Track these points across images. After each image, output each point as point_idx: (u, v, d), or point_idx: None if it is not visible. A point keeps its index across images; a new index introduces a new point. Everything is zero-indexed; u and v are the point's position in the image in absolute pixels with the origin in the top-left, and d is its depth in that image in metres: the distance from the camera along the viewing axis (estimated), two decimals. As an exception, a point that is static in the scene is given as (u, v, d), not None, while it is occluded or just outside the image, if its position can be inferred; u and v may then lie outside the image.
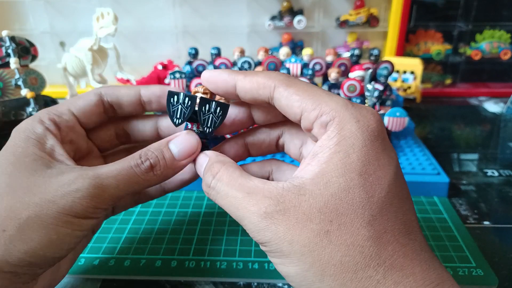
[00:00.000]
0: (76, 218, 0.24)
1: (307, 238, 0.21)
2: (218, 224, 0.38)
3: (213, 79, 0.26)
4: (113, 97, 0.29)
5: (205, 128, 0.26)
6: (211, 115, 0.26)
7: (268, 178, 0.29)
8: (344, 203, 0.21)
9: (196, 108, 0.26)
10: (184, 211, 0.40)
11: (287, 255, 0.21)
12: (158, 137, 0.31)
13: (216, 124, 0.26)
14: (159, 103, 0.30)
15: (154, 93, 0.29)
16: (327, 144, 0.22)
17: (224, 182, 0.24)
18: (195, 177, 0.31)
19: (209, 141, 0.27)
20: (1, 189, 0.23)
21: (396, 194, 0.22)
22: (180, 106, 0.26)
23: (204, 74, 0.27)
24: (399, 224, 0.21)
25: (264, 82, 0.25)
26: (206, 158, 0.26)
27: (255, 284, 0.32)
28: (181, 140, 0.26)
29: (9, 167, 0.24)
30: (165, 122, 0.31)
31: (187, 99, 0.25)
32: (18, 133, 0.26)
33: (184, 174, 0.31)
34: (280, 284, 0.32)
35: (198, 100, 0.26)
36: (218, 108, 0.26)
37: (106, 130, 0.31)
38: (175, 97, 0.25)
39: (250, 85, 0.25)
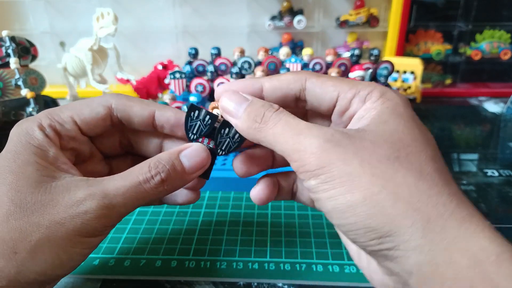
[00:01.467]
0: (86, 237, 0.24)
1: (377, 161, 0.20)
2: (218, 224, 0.38)
3: (238, 86, 0.26)
4: (124, 114, 0.27)
5: (218, 150, 0.26)
6: (228, 139, 0.26)
7: (293, 189, 0.29)
8: (407, 137, 0.22)
9: (216, 126, 0.26)
10: (184, 211, 0.40)
11: (354, 178, 0.20)
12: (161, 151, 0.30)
13: (231, 149, 0.26)
14: (171, 130, 0.28)
15: (168, 120, 0.28)
16: (372, 105, 0.23)
17: (282, 115, 0.23)
18: (197, 197, 0.30)
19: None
20: (5, 204, 0.22)
21: (436, 146, 0.23)
22: (199, 122, 0.26)
23: (226, 86, 0.26)
24: (447, 170, 0.22)
25: (294, 77, 0.25)
26: (244, 99, 0.24)
27: (255, 284, 0.32)
28: (193, 153, 0.26)
29: (10, 176, 0.23)
30: (171, 144, 0.30)
31: (207, 117, 0.25)
32: (18, 137, 0.25)
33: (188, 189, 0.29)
34: (280, 284, 0.32)
35: (220, 118, 0.25)
36: (237, 135, 0.26)
37: (110, 138, 0.30)
38: (196, 112, 0.25)
39: (279, 82, 0.25)
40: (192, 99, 0.48)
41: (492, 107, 0.72)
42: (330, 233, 0.37)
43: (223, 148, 0.26)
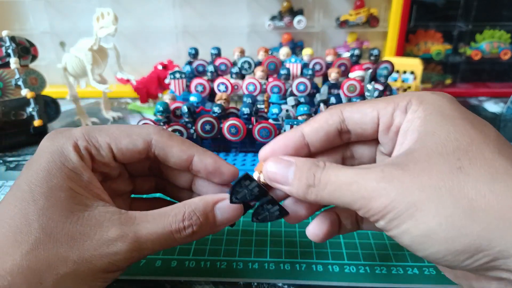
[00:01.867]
0: (109, 273, 0.24)
1: (439, 179, 0.19)
2: (218, 224, 0.38)
3: (281, 144, 0.26)
4: (162, 153, 0.27)
5: (254, 218, 0.27)
6: (267, 212, 0.26)
7: (357, 219, 0.28)
8: (463, 142, 0.20)
9: (258, 199, 0.26)
10: (184, 211, 0.40)
11: (420, 207, 0.19)
12: (190, 187, 0.30)
13: (265, 221, 0.27)
14: (207, 176, 0.28)
15: (206, 167, 0.27)
16: (415, 115, 0.22)
17: (331, 171, 0.22)
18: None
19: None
20: (35, 231, 0.22)
21: (499, 135, 0.22)
22: (245, 190, 0.25)
23: (268, 148, 0.26)
24: None
25: (330, 112, 0.25)
26: (289, 165, 0.24)
27: (255, 284, 0.32)
28: (229, 208, 0.26)
29: (42, 200, 0.23)
30: (203, 183, 0.29)
31: (257, 189, 0.25)
32: (52, 155, 0.24)
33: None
34: (280, 284, 0.32)
35: (268, 196, 0.26)
36: (278, 212, 0.26)
37: (141, 164, 0.30)
38: (248, 181, 0.25)
39: (317, 123, 0.25)
40: (192, 99, 0.48)
41: (492, 107, 0.72)
42: (330, 233, 0.37)
43: (259, 218, 0.26)
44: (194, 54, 0.59)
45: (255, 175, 0.26)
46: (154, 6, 0.79)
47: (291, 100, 0.47)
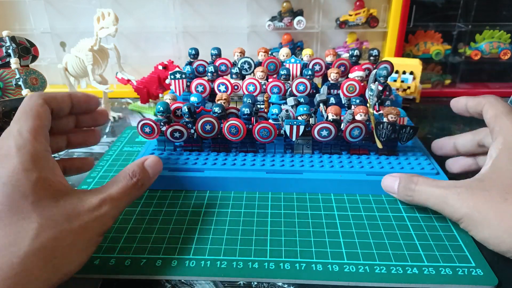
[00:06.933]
0: (100, 237, 0.30)
1: (490, 207, 0.31)
2: (218, 223, 0.38)
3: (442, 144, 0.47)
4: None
5: (401, 141, 0.45)
6: (406, 134, 0.44)
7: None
8: None
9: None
10: (184, 211, 0.41)
11: (479, 222, 0.32)
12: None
13: (409, 139, 0.44)
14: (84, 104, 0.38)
15: (80, 99, 0.37)
16: (496, 146, 0.35)
17: (423, 184, 0.36)
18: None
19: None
20: (34, 219, 0.26)
21: None
22: (384, 131, 0.43)
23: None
24: None
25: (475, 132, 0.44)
26: (396, 179, 0.39)
27: (255, 283, 0.32)
28: (152, 162, 0.36)
29: (31, 194, 0.27)
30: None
31: (389, 126, 0.43)
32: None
33: None
34: (280, 283, 0.32)
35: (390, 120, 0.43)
36: (411, 130, 0.44)
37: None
38: (380, 125, 0.43)
39: (463, 139, 0.45)
40: (193, 99, 0.48)
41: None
42: (329, 232, 0.37)
43: (403, 140, 0.44)
44: (194, 55, 0.59)
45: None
46: (155, 7, 0.79)
47: (291, 101, 0.47)
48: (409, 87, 0.71)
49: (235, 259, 0.34)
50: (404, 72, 0.71)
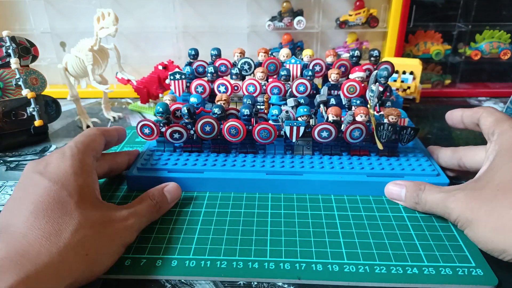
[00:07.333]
0: (124, 247, 0.33)
1: (481, 205, 0.32)
2: (218, 223, 0.38)
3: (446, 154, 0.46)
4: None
5: (401, 142, 0.45)
6: (406, 136, 0.44)
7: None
8: (506, 179, 0.32)
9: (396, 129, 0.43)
10: (184, 211, 0.41)
11: (471, 221, 0.32)
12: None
13: (409, 140, 0.45)
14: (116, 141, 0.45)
15: (112, 137, 0.44)
16: (494, 148, 0.36)
17: (429, 191, 0.38)
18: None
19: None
20: (76, 217, 0.30)
21: None
22: (385, 132, 0.43)
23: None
24: None
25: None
26: (402, 187, 0.40)
27: (255, 283, 0.32)
28: (171, 189, 0.40)
29: (75, 195, 0.32)
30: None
31: (390, 127, 0.43)
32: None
33: None
34: (280, 283, 0.32)
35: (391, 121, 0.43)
36: (411, 131, 0.44)
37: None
38: (381, 127, 0.43)
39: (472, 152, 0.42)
40: (193, 100, 0.48)
41: (492, 107, 0.72)
42: (329, 232, 0.37)
43: (404, 141, 0.44)
44: (194, 55, 0.59)
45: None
46: (154, 7, 0.79)
47: (291, 101, 0.47)
48: (409, 87, 0.71)
49: (235, 259, 0.34)
50: (404, 72, 0.71)
